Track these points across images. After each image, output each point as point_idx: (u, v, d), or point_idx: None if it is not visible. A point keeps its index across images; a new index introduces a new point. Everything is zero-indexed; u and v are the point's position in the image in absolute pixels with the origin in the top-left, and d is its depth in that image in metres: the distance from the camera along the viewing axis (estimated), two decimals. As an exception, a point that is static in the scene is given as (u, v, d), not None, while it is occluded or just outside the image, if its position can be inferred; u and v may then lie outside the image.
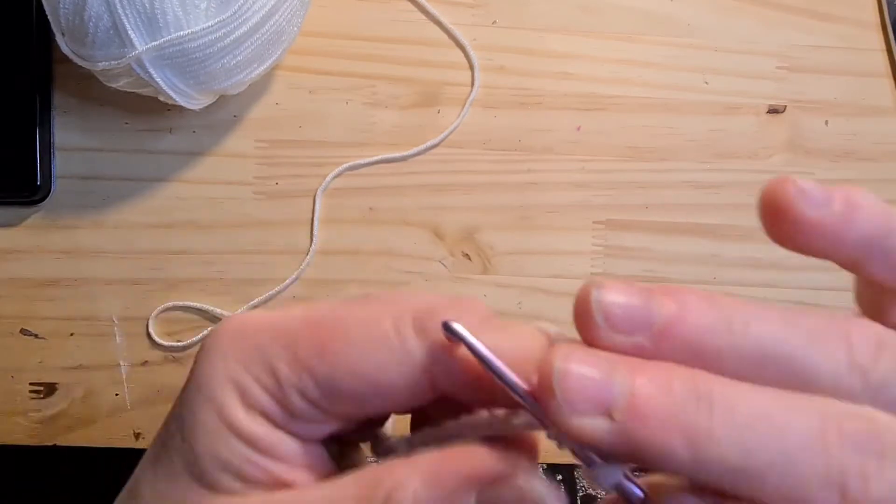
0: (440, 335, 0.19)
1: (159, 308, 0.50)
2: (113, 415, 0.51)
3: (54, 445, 0.50)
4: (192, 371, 0.21)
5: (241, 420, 0.20)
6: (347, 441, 0.23)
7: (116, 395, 0.51)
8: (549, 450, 0.20)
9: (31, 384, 0.50)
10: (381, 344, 0.20)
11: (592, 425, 0.17)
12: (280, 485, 0.21)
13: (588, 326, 0.18)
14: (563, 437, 0.18)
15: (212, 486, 0.20)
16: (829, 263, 0.20)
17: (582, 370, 0.17)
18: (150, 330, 0.50)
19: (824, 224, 0.19)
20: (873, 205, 0.19)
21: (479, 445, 0.19)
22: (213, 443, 0.20)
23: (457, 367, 0.19)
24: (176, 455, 0.21)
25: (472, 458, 0.19)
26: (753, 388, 0.17)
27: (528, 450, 0.20)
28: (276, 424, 0.20)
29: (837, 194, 0.19)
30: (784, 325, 0.17)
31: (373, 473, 0.20)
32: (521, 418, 0.19)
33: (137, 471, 0.22)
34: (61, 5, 0.41)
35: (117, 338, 0.51)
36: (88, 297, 0.50)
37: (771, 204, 0.19)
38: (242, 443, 0.20)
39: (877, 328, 0.18)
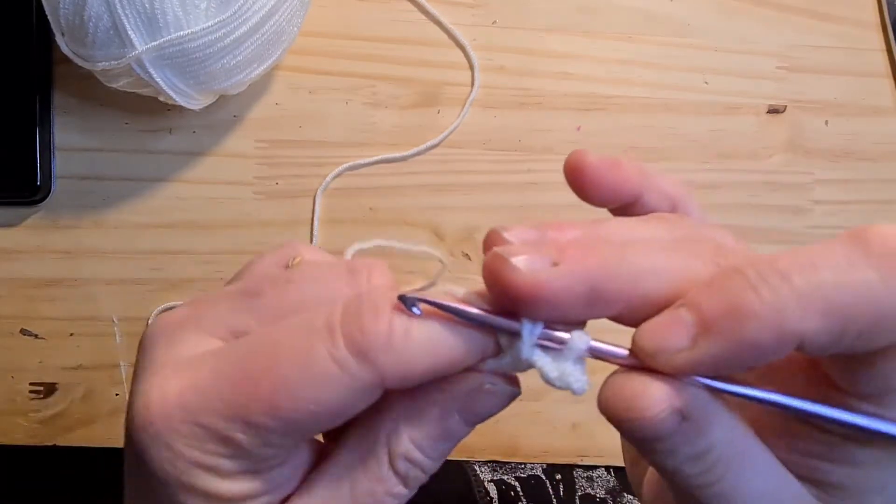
0: (376, 348, 0.20)
1: (159, 308, 0.50)
2: (113, 415, 0.51)
3: (54, 445, 0.50)
4: (144, 471, 0.21)
5: (227, 488, 0.21)
6: None
7: (116, 395, 0.51)
8: (549, 451, 0.21)
9: (31, 384, 0.50)
10: (325, 379, 0.20)
11: (549, 273, 0.19)
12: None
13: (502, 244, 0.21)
14: (534, 322, 0.20)
15: None
16: None
17: (519, 246, 0.20)
18: (150, 330, 0.50)
19: (602, 169, 0.26)
20: (631, 160, 0.26)
21: (446, 384, 0.22)
22: None
23: (408, 369, 0.20)
24: None
25: (439, 392, 0.22)
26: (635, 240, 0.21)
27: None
28: (256, 472, 0.21)
29: (609, 156, 0.26)
30: (628, 221, 0.22)
31: (358, 439, 0.22)
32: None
33: None
34: (61, 5, 0.41)
35: (117, 338, 0.51)
36: (88, 297, 0.50)
37: (570, 164, 0.26)
38: (241, 503, 0.21)
39: (674, 214, 0.26)
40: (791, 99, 0.54)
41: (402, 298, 0.20)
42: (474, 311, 0.20)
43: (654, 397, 0.19)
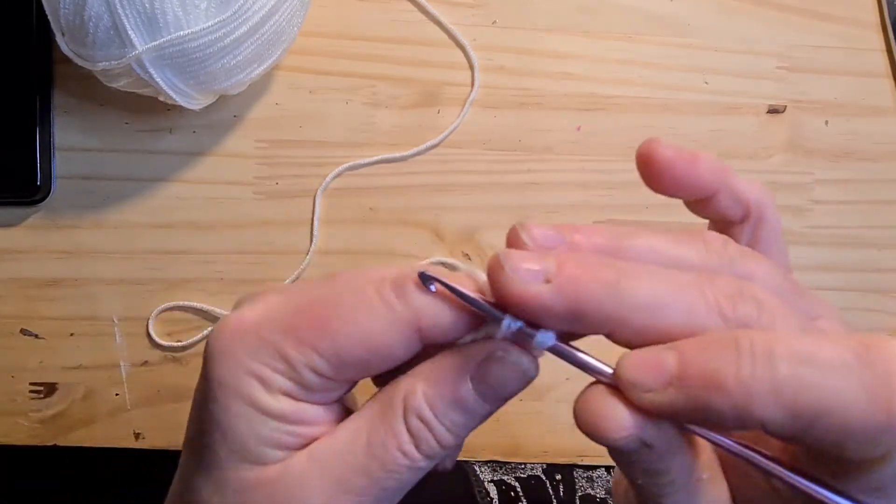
0: (418, 291, 0.23)
1: (159, 308, 0.50)
2: (113, 415, 0.51)
3: (54, 445, 0.50)
4: (206, 377, 0.24)
5: (268, 403, 0.23)
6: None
7: (116, 395, 0.51)
8: (549, 451, 0.21)
9: (31, 384, 0.50)
10: (371, 311, 0.23)
11: (537, 288, 0.21)
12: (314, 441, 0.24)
13: (519, 246, 0.23)
14: (514, 319, 0.22)
15: (260, 461, 0.24)
16: (828, 263, 0.22)
17: (522, 253, 0.22)
18: (150, 330, 0.50)
19: (678, 162, 0.25)
20: (711, 155, 0.26)
21: (460, 348, 0.24)
22: (251, 427, 0.23)
23: (436, 311, 0.23)
24: (219, 447, 0.24)
25: (457, 355, 0.23)
26: (648, 266, 0.22)
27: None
28: (297, 398, 0.24)
29: (686, 148, 0.25)
30: (658, 236, 0.23)
31: (384, 393, 0.24)
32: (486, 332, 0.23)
33: (181, 475, 0.26)
34: (61, 5, 0.41)
35: (117, 338, 0.51)
36: (88, 297, 0.50)
37: (642, 154, 0.25)
38: (275, 420, 0.24)
39: (720, 234, 0.24)
40: (791, 99, 0.54)
41: (420, 276, 0.23)
42: (472, 296, 0.23)
43: (620, 423, 0.21)
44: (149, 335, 0.51)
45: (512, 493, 0.51)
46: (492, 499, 0.51)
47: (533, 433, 0.52)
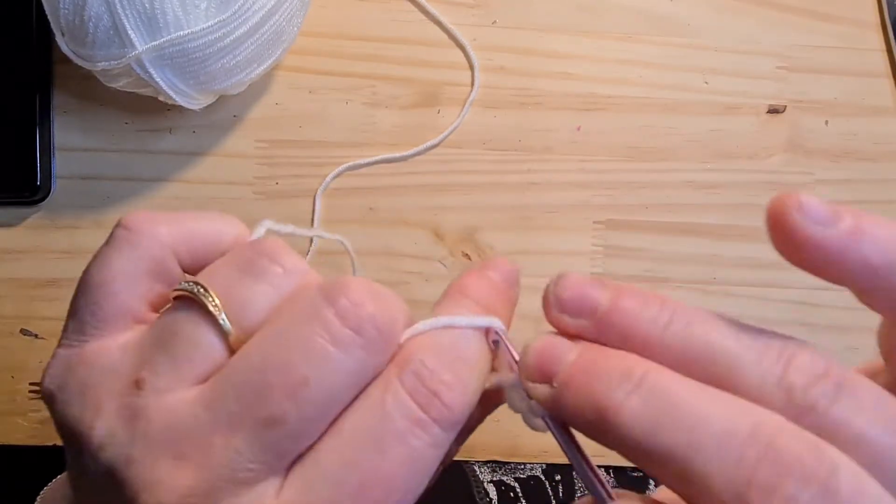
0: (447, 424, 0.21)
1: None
2: (113, 415, 0.51)
3: (54, 445, 0.50)
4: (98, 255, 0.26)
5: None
6: None
7: (116, 395, 0.51)
8: (549, 451, 0.21)
9: (31, 384, 0.50)
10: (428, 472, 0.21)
11: (539, 389, 0.21)
12: None
13: (545, 307, 0.22)
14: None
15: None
16: None
17: (544, 344, 0.21)
18: (150, 330, 0.50)
19: (825, 244, 0.18)
20: (884, 227, 0.18)
21: None
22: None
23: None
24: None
25: None
26: (685, 380, 0.18)
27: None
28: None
29: (846, 215, 0.18)
30: (726, 334, 0.18)
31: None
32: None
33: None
34: (61, 5, 0.41)
35: (117, 338, 0.51)
36: (88, 297, 0.50)
37: (774, 218, 0.19)
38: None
39: (824, 357, 0.18)
40: (791, 99, 0.54)
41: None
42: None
43: None
44: (149, 335, 0.50)
45: (511, 494, 0.51)
46: (491, 499, 0.51)
47: (532, 433, 0.52)
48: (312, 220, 0.51)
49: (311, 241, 0.51)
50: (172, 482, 0.19)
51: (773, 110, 0.54)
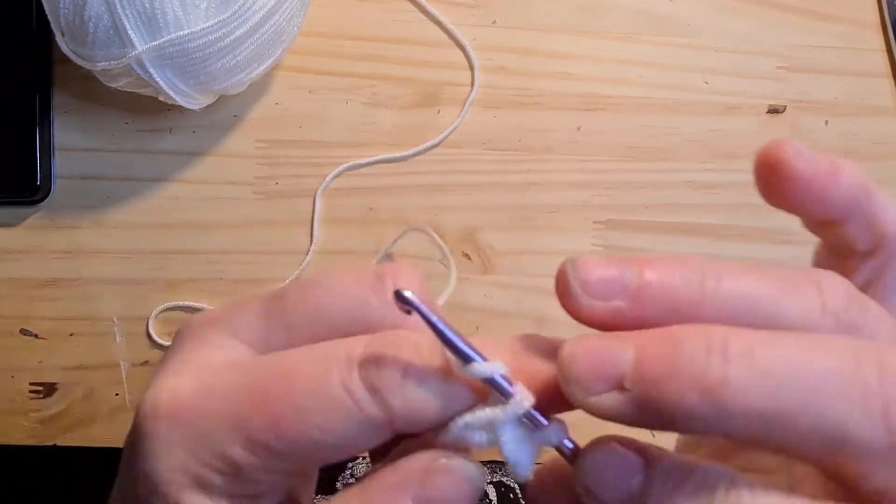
0: (395, 386, 0.19)
1: (159, 308, 0.50)
2: (113, 415, 0.51)
3: (54, 445, 0.50)
4: (132, 463, 0.21)
5: None
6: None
7: (116, 395, 0.51)
8: (550, 451, 0.20)
9: (31, 384, 0.50)
10: (337, 410, 0.19)
11: (609, 401, 0.17)
12: None
13: (568, 298, 0.19)
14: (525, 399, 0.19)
15: None
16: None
17: (588, 349, 0.18)
18: (150, 330, 0.50)
19: (814, 179, 0.20)
20: (854, 168, 0.20)
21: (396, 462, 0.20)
22: None
23: (417, 409, 0.19)
24: None
25: (394, 469, 0.20)
26: (771, 333, 0.17)
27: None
28: (241, 497, 0.20)
29: (824, 156, 0.20)
30: (755, 278, 0.18)
31: None
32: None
33: None
34: (61, 5, 0.41)
35: (117, 338, 0.51)
36: (88, 297, 0.50)
37: (767, 161, 0.20)
38: None
39: (842, 279, 0.19)
40: (791, 99, 0.54)
41: (397, 295, 0.20)
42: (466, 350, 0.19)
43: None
44: (149, 335, 0.51)
45: (511, 496, 0.51)
46: (491, 500, 0.51)
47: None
48: (312, 219, 0.51)
49: (312, 241, 0.51)
50: None
51: (773, 110, 0.54)
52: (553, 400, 0.19)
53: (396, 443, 0.21)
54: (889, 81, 0.54)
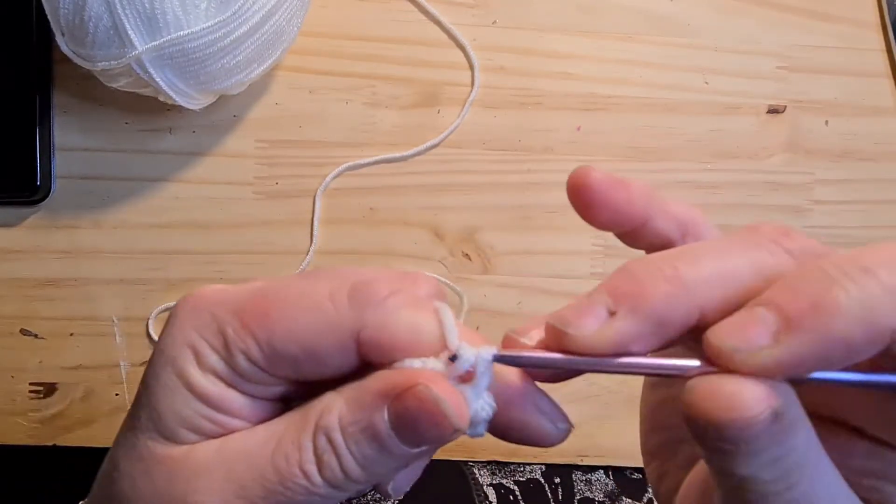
0: (373, 303, 0.22)
1: (159, 308, 0.50)
2: (113, 415, 0.51)
3: (54, 445, 0.50)
4: (158, 338, 0.24)
5: (196, 379, 0.23)
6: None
7: (116, 395, 0.51)
8: (549, 451, 0.21)
9: (31, 384, 0.50)
10: (316, 310, 0.22)
11: (609, 329, 0.20)
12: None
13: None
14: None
15: (171, 439, 0.23)
16: None
17: (574, 310, 0.21)
18: (150, 330, 0.50)
19: (613, 189, 0.24)
20: (640, 182, 0.25)
21: (388, 371, 0.22)
22: (172, 400, 0.23)
23: (382, 321, 0.21)
24: (143, 412, 0.23)
25: (381, 379, 0.22)
26: (856, 252, 0.19)
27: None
28: (227, 383, 0.23)
29: (614, 175, 0.25)
30: (723, 256, 0.20)
31: (306, 405, 0.23)
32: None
33: (117, 434, 0.25)
34: (61, 5, 0.41)
35: (117, 338, 0.51)
36: (88, 297, 0.50)
37: (576, 182, 0.24)
38: (197, 400, 0.23)
39: (764, 223, 0.22)
40: (791, 99, 0.54)
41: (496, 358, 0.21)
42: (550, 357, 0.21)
43: (754, 396, 0.18)
44: (149, 335, 0.51)
45: (511, 497, 0.51)
46: (491, 502, 0.51)
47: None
48: (312, 220, 0.51)
49: (312, 241, 0.51)
50: None
51: (773, 110, 0.54)
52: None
53: None
54: (889, 81, 0.54)
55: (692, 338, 0.20)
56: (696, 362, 0.19)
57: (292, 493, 0.22)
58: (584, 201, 0.24)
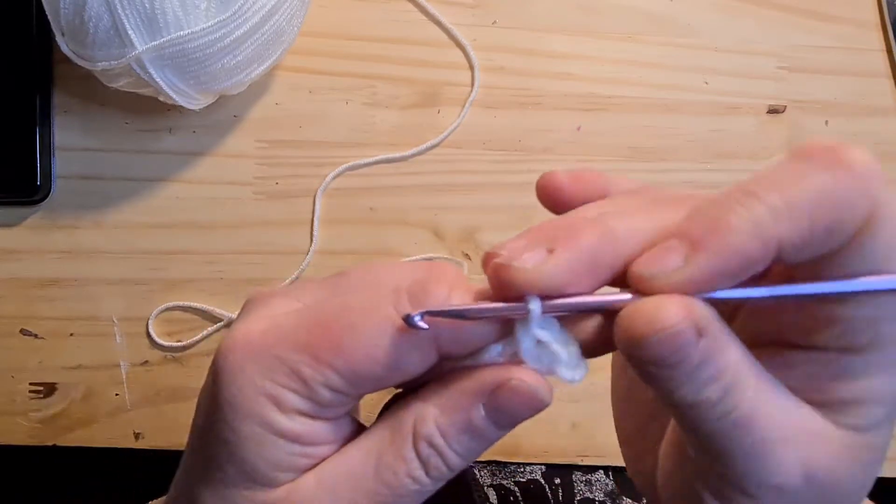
0: (432, 304, 0.22)
1: (159, 308, 0.50)
2: (113, 415, 0.51)
3: (54, 445, 0.50)
4: (214, 396, 0.23)
5: (283, 423, 0.23)
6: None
7: (116, 395, 0.51)
8: (550, 451, 0.21)
9: (31, 384, 0.50)
10: (388, 328, 0.22)
11: (548, 263, 0.21)
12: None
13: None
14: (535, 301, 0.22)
15: (269, 484, 0.23)
16: None
17: (513, 245, 0.22)
18: (150, 330, 0.50)
19: (574, 183, 0.28)
20: (588, 171, 0.28)
21: (474, 369, 0.23)
22: (262, 449, 0.23)
23: (456, 328, 0.22)
24: (227, 466, 0.23)
25: (470, 379, 0.23)
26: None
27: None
28: (311, 417, 0.23)
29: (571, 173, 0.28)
30: (646, 215, 0.23)
31: (394, 416, 0.24)
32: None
33: (186, 480, 0.25)
34: (61, 5, 0.41)
35: (117, 338, 0.51)
36: (88, 297, 0.50)
37: (546, 184, 0.28)
38: (288, 441, 0.23)
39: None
40: (791, 99, 0.54)
41: (406, 319, 0.22)
42: (478, 308, 0.22)
43: (673, 310, 0.20)
44: (149, 335, 0.51)
45: (511, 498, 0.51)
46: (491, 503, 0.51)
47: (533, 433, 0.52)
48: (312, 219, 0.51)
49: (312, 241, 0.51)
50: None
51: (773, 110, 0.54)
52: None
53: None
54: (889, 81, 0.54)
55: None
56: (627, 295, 0.22)
57: (404, 498, 0.23)
58: (556, 200, 0.27)
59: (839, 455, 0.23)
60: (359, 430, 0.25)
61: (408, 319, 0.22)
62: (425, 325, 0.22)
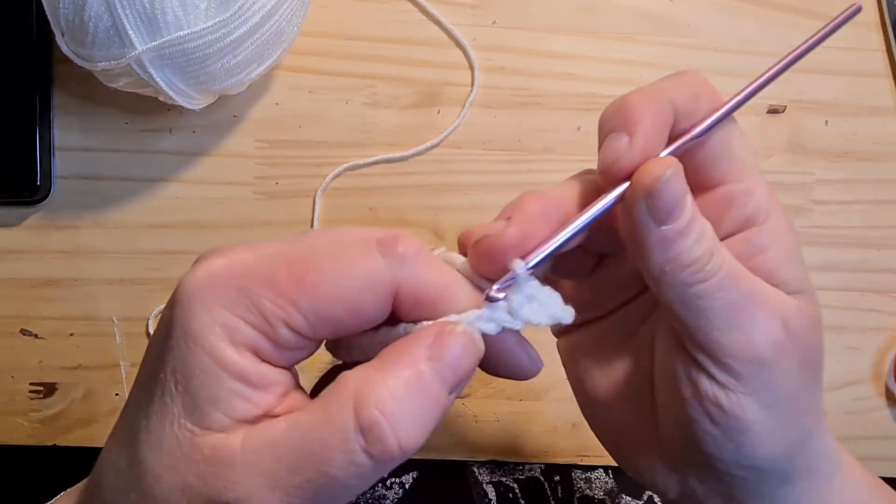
0: (403, 254, 0.24)
1: (159, 308, 0.50)
2: (113, 415, 0.50)
3: (54, 445, 0.50)
4: (170, 322, 0.23)
5: (231, 357, 0.22)
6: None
7: (116, 395, 0.51)
8: (549, 451, 0.21)
9: (31, 384, 0.50)
10: (354, 268, 0.23)
11: (511, 226, 0.26)
12: (263, 418, 0.23)
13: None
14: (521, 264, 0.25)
15: (205, 425, 0.22)
16: (828, 264, 0.21)
17: (481, 226, 0.27)
18: (150, 330, 0.50)
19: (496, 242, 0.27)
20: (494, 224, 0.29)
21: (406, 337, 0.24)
22: (207, 383, 0.22)
23: (419, 277, 0.24)
24: (170, 399, 0.22)
25: (410, 336, 0.24)
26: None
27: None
28: (263, 357, 0.23)
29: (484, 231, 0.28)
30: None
31: (331, 388, 0.23)
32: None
33: (129, 409, 0.24)
34: (61, 5, 0.41)
35: (117, 338, 0.51)
36: (88, 297, 0.50)
37: (480, 256, 0.27)
38: (233, 378, 0.22)
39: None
40: (791, 99, 0.54)
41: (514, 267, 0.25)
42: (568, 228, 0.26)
43: (666, 159, 0.27)
44: (149, 335, 0.51)
45: (510, 495, 0.51)
46: (490, 500, 0.51)
47: (533, 433, 0.52)
48: (312, 220, 0.51)
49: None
50: None
51: (773, 110, 0.54)
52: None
53: None
54: (889, 81, 0.54)
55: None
56: (608, 195, 0.26)
57: (334, 480, 0.21)
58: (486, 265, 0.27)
59: (808, 312, 0.27)
60: (303, 406, 0.24)
61: (516, 267, 0.25)
62: (528, 274, 0.25)
